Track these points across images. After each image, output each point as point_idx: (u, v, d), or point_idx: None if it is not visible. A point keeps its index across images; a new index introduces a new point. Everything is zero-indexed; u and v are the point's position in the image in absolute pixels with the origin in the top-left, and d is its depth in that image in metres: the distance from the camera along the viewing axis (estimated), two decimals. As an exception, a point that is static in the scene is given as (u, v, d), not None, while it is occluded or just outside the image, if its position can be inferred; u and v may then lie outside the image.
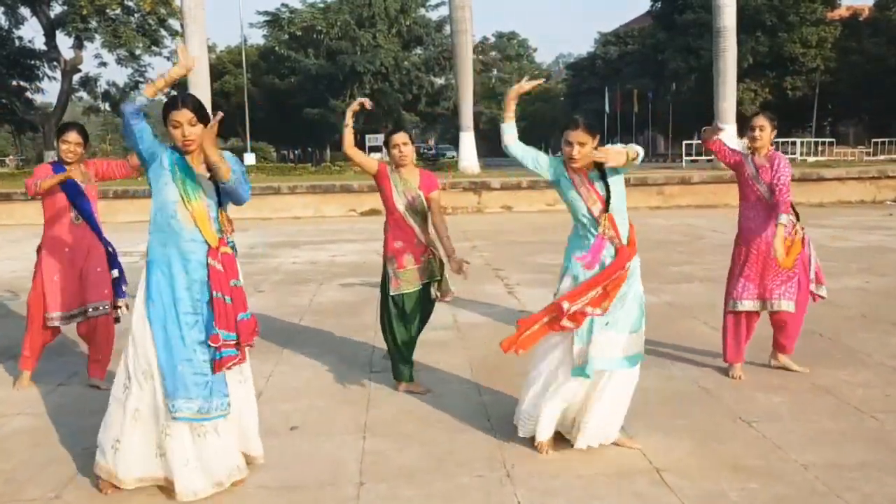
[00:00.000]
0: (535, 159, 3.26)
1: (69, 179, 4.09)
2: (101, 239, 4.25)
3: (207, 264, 2.80)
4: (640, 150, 3.08)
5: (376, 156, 33.04)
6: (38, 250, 4.23)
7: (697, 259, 8.85)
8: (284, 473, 3.03)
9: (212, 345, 2.75)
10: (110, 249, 4.30)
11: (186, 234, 2.79)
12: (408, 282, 3.95)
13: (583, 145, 3.07)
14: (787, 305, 4.17)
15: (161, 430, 2.74)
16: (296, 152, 53.71)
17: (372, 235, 12.12)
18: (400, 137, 4.01)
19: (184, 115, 2.75)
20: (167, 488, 2.80)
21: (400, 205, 3.97)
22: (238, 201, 2.88)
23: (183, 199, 2.78)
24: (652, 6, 40.47)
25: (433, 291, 4.03)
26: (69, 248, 4.15)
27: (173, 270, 2.78)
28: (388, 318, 4.02)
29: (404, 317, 4.00)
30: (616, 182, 3.12)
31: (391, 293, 3.97)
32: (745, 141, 4.30)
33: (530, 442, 3.28)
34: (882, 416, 3.58)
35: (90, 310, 4.20)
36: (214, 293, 2.78)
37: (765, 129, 4.17)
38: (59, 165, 4.15)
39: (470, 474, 2.99)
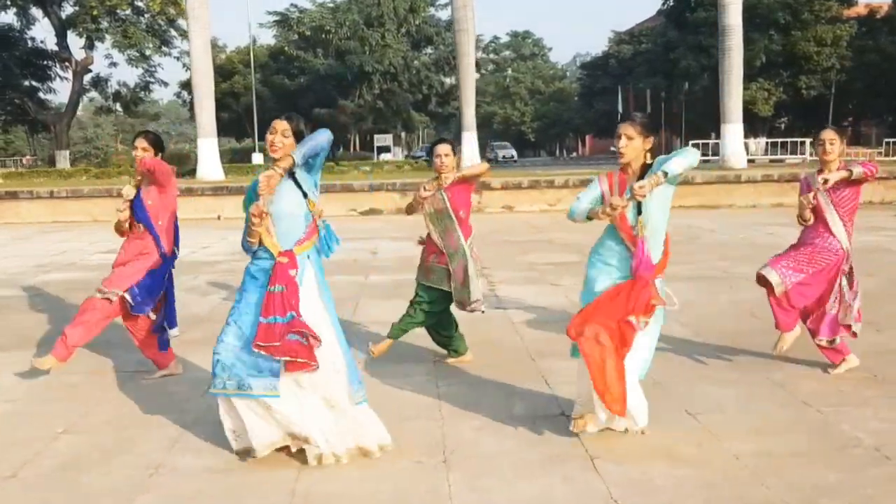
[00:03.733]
0: (595, 199, 3.30)
1: (136, 196, 4.21)
2: (157, 245, 4.23)
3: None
4: (683, 161, 3.03)
5: (386, 156, 32.85)
6: None
7: (687, 259, 8.87)
8: (223, 459, 3.14)
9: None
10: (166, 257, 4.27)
11: (259, 254, 3.17)
12: (419, 273, 4.43)
13: (630, 139, 3.14)
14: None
15: None
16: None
17: (368, 234, 12.24)
18: (442, 148, 4.34)
19: (281, 124, 3.07)
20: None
21: (428, 208, 4.35)
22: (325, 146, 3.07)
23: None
24: (664, 4, 40.22)
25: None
26: (125, 250, 4.28)
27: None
28: None
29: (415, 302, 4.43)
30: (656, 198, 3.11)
31: None
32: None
33: (473, 431, 3.38)
34: (826, 410, 3.64)
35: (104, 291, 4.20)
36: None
37: (835, 142, 4.08)
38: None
39: (409, 459, 3.10)
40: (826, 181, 4.01)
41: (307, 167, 3.07)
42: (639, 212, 3.15)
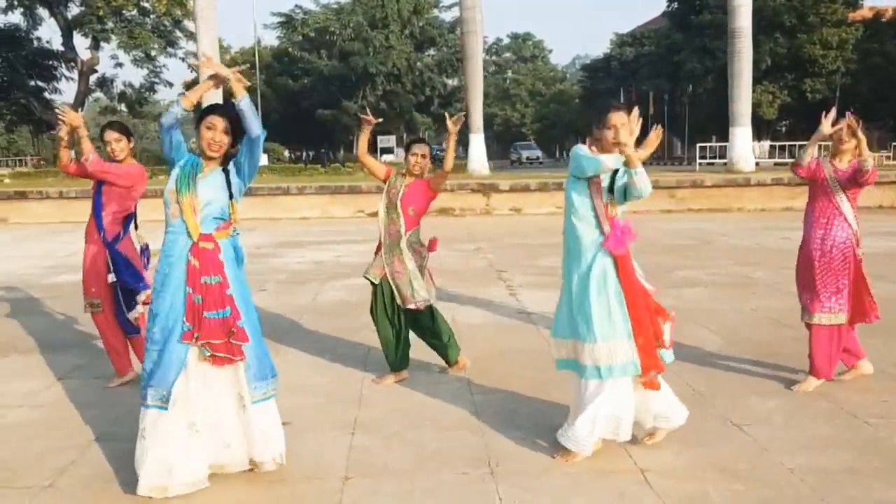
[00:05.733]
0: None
1: (98, 182, 4.21)
2: (103, 239, 4.22)
3: (187, 258, 2.88)
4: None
5: (388, 157, 32.69)
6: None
7: (705, 264, 8.80)
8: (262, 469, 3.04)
9: (184, 342, 2.82)
10: (110, 251, 4.26)
11: (174, 226, 2.91)
12: (371, 269, 4.22)
13: (624, 125, 3.04)
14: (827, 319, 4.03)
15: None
16: (310, 153, 53.95)
17: (377, 236, 12.16)
18: (420, 148, 4.24)
19: (220, 121, 2.92)
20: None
21: (381, 202, 4.23)
22: (252, 132, 2.91)
23: (177, 189, 2.88)
24: (668, 6, 40.17)
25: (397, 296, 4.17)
26: (90, 242, 4.28)
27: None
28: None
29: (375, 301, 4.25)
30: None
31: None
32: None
33: (516, 443, 3.30)
34: (875, 422, 3.56)
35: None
36: (187, 288, 2.87)
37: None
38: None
39: (453, 471, 3.02)
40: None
41: (238, 169, 2.96)
42: (610, 191, 3.09)
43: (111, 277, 4.21)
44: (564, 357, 3.23)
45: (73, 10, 34.82)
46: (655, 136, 3.27)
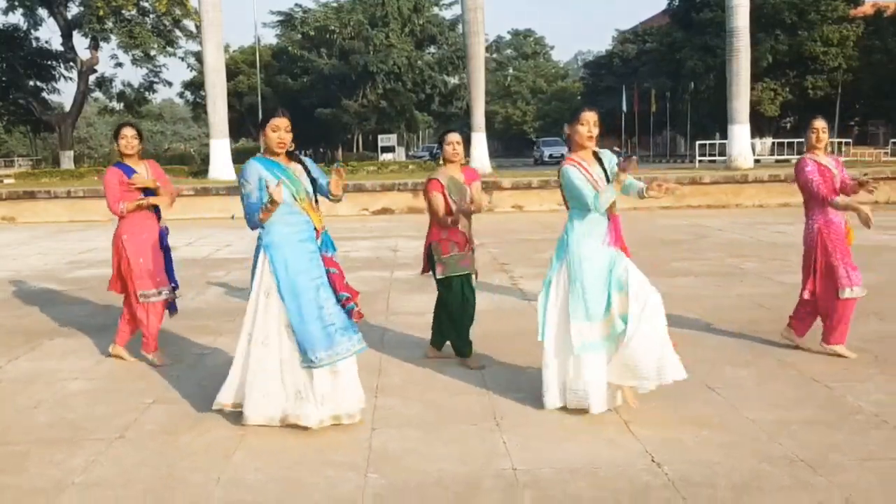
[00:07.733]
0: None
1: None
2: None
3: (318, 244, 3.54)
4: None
5: (388, 156, 32.66)
6: (119, 237, 4.66)
7: (698, 256, 9.24)
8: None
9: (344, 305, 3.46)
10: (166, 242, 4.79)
11: (303, 222, 3.49)
12: (451, 267, 4.48)
13: (597, 126, 3.59)
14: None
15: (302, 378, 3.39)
16: (308, 152, 54.39)
17: (385, 233, 12.61)
18: (454, 137, 4.58)
19: (283, 122, 3.43)
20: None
21: (453, 206, 4.49)
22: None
23: (295, 197, 3.47)
24: (669, 4, 40.48)
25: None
26: (148, 233, 4.67)
27: (297, 249, 3.45)
28: (439, 299, 4.58)
29: (452, 296, 4.52)
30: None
31: (438, 277, 4.51)
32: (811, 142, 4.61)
33: (517, 403, 3.81)
34: (834, 385, 4.05)
35: (167, 291, 4.73)
36: (327, 269, 3.50)
37: (826, 130, 4.62)
38: (123, 164, 4.65)
39: (466, 424, 3.54)
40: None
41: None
42: None
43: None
44: None
45: (73, 9, 35.14)
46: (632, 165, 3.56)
